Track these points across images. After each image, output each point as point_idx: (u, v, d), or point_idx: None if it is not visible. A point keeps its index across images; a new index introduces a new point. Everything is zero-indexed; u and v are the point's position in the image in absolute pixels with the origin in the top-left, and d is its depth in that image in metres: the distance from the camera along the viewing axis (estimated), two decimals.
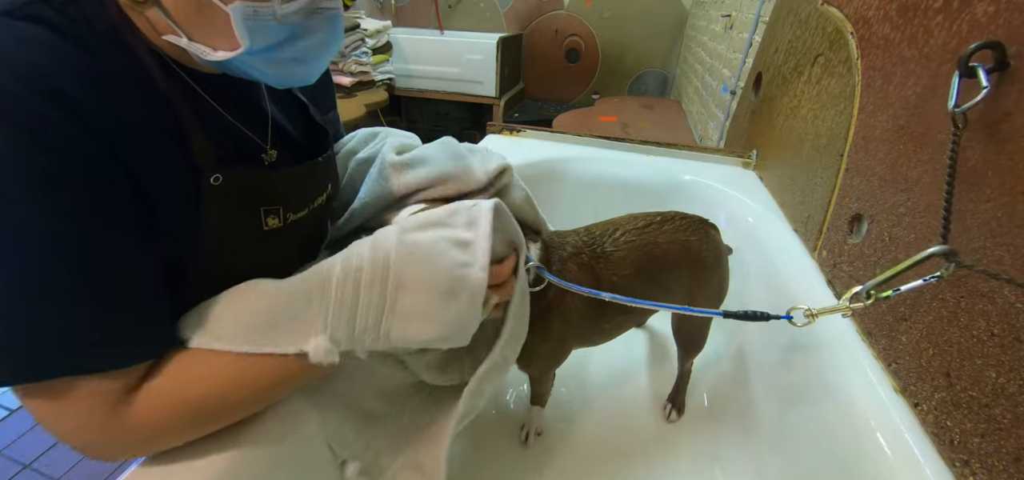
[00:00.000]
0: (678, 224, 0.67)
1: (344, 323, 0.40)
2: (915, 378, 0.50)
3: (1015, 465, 0.38)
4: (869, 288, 0.50)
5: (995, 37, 0.45)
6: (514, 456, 0.78)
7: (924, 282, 0.47)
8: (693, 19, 2.62)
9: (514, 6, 2.96)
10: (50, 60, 0.31)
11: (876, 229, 0.60)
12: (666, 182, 1.10)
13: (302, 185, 0.49)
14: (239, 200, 0.42)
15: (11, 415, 1.35)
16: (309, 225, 0.51)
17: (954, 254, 0.45)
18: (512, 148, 1.18)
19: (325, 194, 0.52)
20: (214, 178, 0.39)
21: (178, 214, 0.38)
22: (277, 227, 0.45)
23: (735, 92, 1.50)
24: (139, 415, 0.36)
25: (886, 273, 0.48)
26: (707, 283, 0.71)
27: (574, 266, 0.62)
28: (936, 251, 0.45)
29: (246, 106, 0.46)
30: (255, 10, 0.35)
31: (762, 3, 1.37)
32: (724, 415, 0.84)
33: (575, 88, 3.14)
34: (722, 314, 0.54)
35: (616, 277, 0.63)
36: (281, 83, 0.43)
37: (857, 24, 0.73)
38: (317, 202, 0.51)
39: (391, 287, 0.40)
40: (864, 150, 0.66)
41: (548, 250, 0.61)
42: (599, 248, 0.64)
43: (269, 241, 0.45)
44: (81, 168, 0.32)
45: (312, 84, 0.45)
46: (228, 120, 0.43)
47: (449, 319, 0.41)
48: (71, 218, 0.32)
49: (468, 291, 0.41)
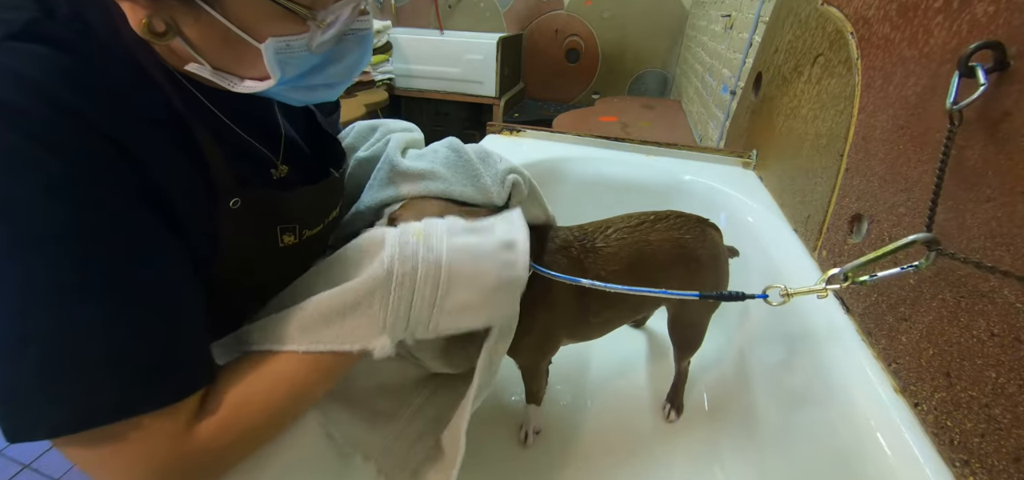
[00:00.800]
0: (672, 222, 0.67)
1: (402, 319, 0.42)
2: (915, 378, 0.50)
3: (1015, 465, 0.38)
4: (847, 271, 0.50)
5: (995, 37, 0.45)
6: (513, 456, 0.78)
7: (902, 270, 0.48)
8: (693, 19, 2.61)
9: (514, 6, 2.96)
10: (58, 75, 0.29)
11: (876, 229, 0.60)
12: (666, 182, 1.10)
13: (318, 202, 0.49)
14: (256, 221, 0.42)
15: None
16: (323, 239, 0.51)
17: (936, 242, 0.45)
18: (512, 148, 1.18)
19: (338, 208, 0.53)
20: (233, 202, 0.38)
21: (196, 234, 0.37)
22: (293, 244, 0.45)
23: (735, 92, 1.50)
24: (205, 443, 0.34)
25: (865, 257, 0.49)
26: (703, 285, 0.70)
27: (563, 258, 0.62)
28: (918, 238, 0.45)
29: (259, 121, 0.45)
30: (288, 44, 0.34)
31: (762, 3, 1.37)
32: (724, 415, 0.84)
33: (575, 88, 3.14)
34: (698, 295, 0.54)
35: (604, 272, 0.63)
36: (303, 103, 0.43)
37: (857, 24, 0.73)
38: (331, 216, 0.51)
39: (442, 285, 0.42)
40: (864, 150, 0.66)
41: (538, 241, 0.62)
42: (590, 243, 0.64)
43: (284, 257, 0.45)
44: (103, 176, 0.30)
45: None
46: (242, 137, 0.42)
47: (495, 310, 0.47)
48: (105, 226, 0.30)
49: (516, 286, 0.47)
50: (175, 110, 0.35)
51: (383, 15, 2.91)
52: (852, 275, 0.51)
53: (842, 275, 0.51)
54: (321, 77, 0.39)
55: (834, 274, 0.51)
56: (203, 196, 0.37)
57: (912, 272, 0.48)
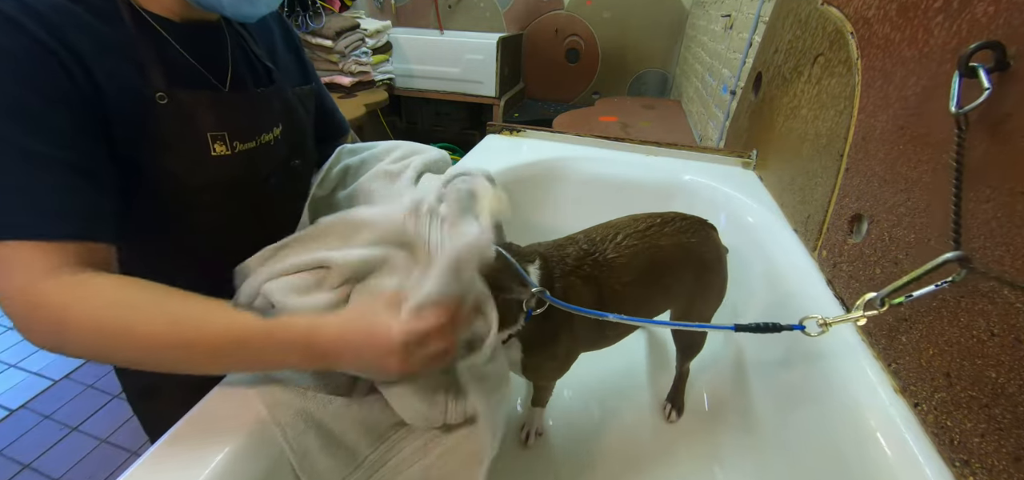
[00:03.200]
0: (679, 225, 0.67)
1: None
2: (915, 378, 0.50)
3: (1015, 465, 0.38)
4: (883, 295, 0.49)
5: (995, 37, 0.45)
6: (515, 456, 0.78)
7: (937, 287, 0.47)
8: (693, 19, 2.61)
9: (514, 6, 2.96)
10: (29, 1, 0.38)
11: (876, 229, 0.60)
12: (666, 182, 1.10)
13: (245, 115, 0.53)
14: (183, 120, 0.47)
15: (11, 415, 1.35)
16: (261, 162, 0.55)
17: (967, 260, 0.44)
18: (512, 148, 1.18)
19: (275, 131, 0.56)
20: (159, 96, 0.45)
21: (131, 125, 0.44)
22: (225, 154, 0.50)
23: (735, 92, 1.50)
24: (48, 298, 0.37)
25: (901, 281, 0.48)
26: (710, 285, 0.71)
27: (577, 280, 0.61)
28: (950, 258, 0.44)
29: (207, 53, 0.51)
30: None
31: (762, 3, 1.37)
32: (724, 415, 0.84)
33: (575, 88, 3.13)
34: (734, 328, 0.53)
35: (619, 285, 0.62)
36: (236, 13, 0.49)
37: (857, 24, 0.73)
38: (264, 138, 0.55)
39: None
40: (864, 150, 0.66)
41: (548, 266, 0.60)
42: (601, 255, 0.63)
43: (219, 167, 0.50)
44: (46, 61, 0.38)
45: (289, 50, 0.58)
46: (187, 59, 0.49)
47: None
48: (36, 93, 0.38)
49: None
50: (125, 23, 0.44)
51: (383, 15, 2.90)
52: (888, 299, 0.49)
53: (879, 300, 0.50)
54: None
55: (871, 299, 0.50)
56: (137, 92, 0.44)
57: (946, 288, 0.47)
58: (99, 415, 1.37)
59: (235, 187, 0.52)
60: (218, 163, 0.50)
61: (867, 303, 0.50)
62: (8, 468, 1.22)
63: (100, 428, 1.33)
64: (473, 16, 3.02)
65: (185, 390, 0.46)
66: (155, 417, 0.44)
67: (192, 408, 0.46)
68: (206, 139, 0.49)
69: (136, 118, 0.44)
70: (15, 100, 0.37)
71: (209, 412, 0.46)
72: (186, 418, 0.45)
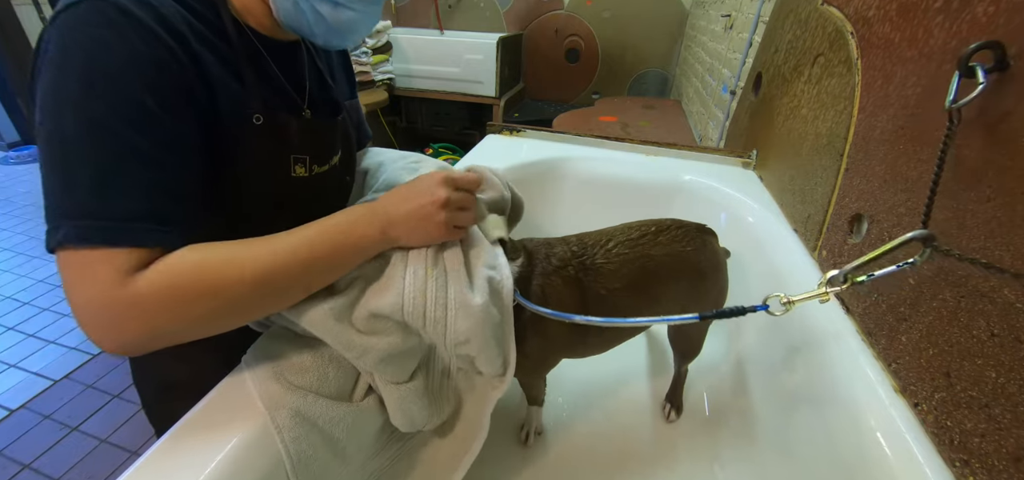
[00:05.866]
0: (674, 234, 0.66)
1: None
2: (915, 378, 0.50)
3: (1015, 465, 0.38)
4: (846, 272, 0.50)
5: (995, 37, 0.45)
6: (514, 456, 0.78)
7: (898, 267, 0.48)
8: (693, 19, 2.61)
9: (514, 6, 2.96)
10: (161, 10, 0.40)
11: (876, 229, 0.60)
12: (666, 182, 1.10)
13: (323, 141, 0.57)
14: (273, 141, 0.50)
15: (11, 415, 1.35)
16: (329, 183, 0.59)
17: (932, 239, 0.45)
18: (512, 148, 1.18)
19: (338, 156, 0.60)
20: (256, 117, 0.48)
21: (229, 138, 0.46)
22: (303, 176, 0.54)
23: (735, 92, 1.50)
24: (134, 297, 0.37)
25: (864, 258, 0.48)
26: (705, 295, 0.69)
27: (559, 280, 0.60)
28: (915, 235, 0.45)
29: (292, 71, 0.55)
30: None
31: (762, 3, 1.37)
32: (724, 416, 0.84)
33: (575, 88, 3.13)
34: (698, 317, 0.53)
35: (605, 291, 0.61)
36: (331, 40, 0.52)
37: (857, 24, 0.73)
38: (333, 160, 0.59)
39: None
40: (864, 150, 0.66)
41: (531, 261, 0.60)
42: (589, 259, 0.62)
43: (296, 188, 0.54)
44: (176, 71, 0.41)
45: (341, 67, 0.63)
46: (280, 78, 0.52)
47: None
48: (162, 104, 0.39)
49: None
50: (231, 40, 0.47)
51: (383, 15, 2.90)
52: (851, 276, 0.50)
53: (841, 276, 0.50)
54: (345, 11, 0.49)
55: (833, 276, 0.50)
56: (238, 107, 0.47)
57: (910, 270, 0.48)
58: (99, 415, 1.37)
59: (305, 204, 0.54)
60: (296, 183, 0.53)
61: (830, 279, 0.51)
62: (8, 468, 1.22)
63: (100, 428, 1.33)
64: (473, 16, 3.03)
65: (200, 386, 0.48)
66: (169, 416, 0.45)
67: (192, 408, 0.46)
68: (289, 161, 0.52)
69: (234, 134, 0.47)
70: (140, 105, 0.38)
71: (209, 412, 0.46)
72: (186, 418, 0.45)
